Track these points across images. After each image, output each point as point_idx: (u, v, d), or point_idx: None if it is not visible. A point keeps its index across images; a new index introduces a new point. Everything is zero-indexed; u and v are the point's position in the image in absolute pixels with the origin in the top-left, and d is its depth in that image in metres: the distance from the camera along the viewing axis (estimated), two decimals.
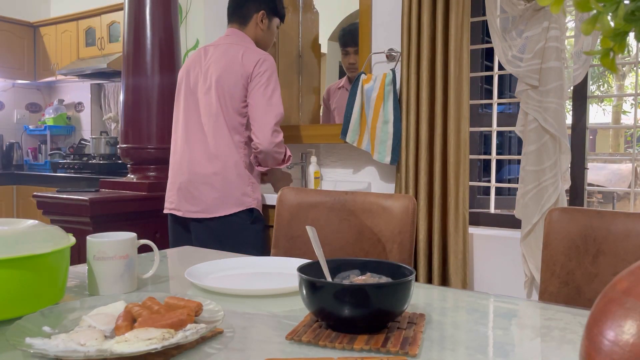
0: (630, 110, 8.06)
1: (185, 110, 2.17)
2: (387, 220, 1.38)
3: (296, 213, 1.56)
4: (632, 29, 0.43)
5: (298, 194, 1.57)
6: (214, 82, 2.09)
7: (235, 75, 2.08)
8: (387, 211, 1.40)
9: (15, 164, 4.96)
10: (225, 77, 2.08)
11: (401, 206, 1.40)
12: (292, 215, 1.56)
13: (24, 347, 0.68)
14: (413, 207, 1.40)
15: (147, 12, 2.65)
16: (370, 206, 1.45)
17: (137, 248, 1.07)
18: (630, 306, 0.43)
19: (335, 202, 1.51)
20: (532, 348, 0.80)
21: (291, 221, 1.56)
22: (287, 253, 1.53)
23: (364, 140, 2.54)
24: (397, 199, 1.42)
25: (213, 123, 2.08)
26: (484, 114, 2.53)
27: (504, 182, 3.44)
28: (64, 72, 4.50)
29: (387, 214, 1.40)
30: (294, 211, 1.56)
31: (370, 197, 1.46)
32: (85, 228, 2.41)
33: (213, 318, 0.81)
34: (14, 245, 0.83)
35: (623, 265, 1.17)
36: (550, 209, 1.34)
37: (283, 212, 1.58)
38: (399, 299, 0.80)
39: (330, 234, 1.50)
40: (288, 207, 1.57)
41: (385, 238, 1.39)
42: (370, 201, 1.45)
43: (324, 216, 1.52)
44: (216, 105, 2.08)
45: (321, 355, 0.73)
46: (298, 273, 0.83)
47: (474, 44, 2.41)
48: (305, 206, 1.55)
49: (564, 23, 2.09)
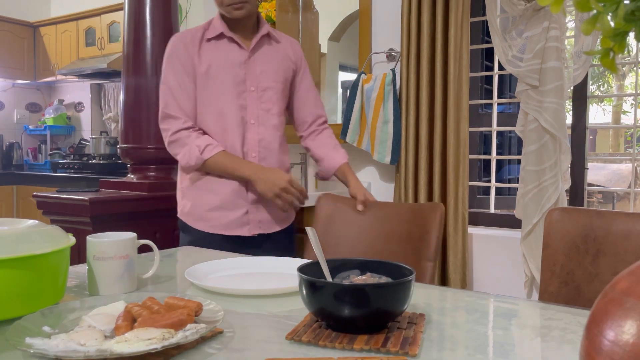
0: (630, 110, 8.06)
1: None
2: (417, 224, 1.54)
3: (334, 215, 1.75)
4: (632, 29, 0.43)
5: (334, 200, 1.78)
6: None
7: None
8: (418, 216, 1.58)
9: (15, 164, 4.96)
10: None
11: (430, 212, 1.58)
12: (329, 219, 1.74)
13: (24, 347, 0.68)
14: (442, 212, 1.57)
15: (147, 12, 2.64)
16: (403, 212, 1.64)
17: (137, 248, 1.07)
18: (630, 306, 0.43)
19: (370, 208, 1.70)
20: (532, 348, 0.80)
21: (327, 225, 1.73)
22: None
23: (364, 140, 2.54)
24: (428, 207, 1.61)
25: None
26: (484, 114, 2.53)
27: (504, 182, 3.44)
28: (64, 72, 4.50)
29: (417, 219, 1.58)
30: (330, 215, 1.75)
31: (403, 205, 1.70)
32: (85, 228, 2.41)
33: (213, 318, 0.81)
34: (14, 245, 0.83)
35: (623, 265, 1.17)
36: (550, 209, 1.34)
37: (321, 216, 1.76)
38: (399, 299, 0.80)
39: (363, 236, 1.69)
40: (325, 211, 1.76)
41: (414, 239, 1.56)
42: (405, 207, 1.66)
43: (359, 219, 1.71)
44: None
45: (321, 355, 0.73)
46: (298, 273, 0.83)
47: (474, 44, 2.41)
48: (343, 210, 1.74)
49: (564, 23, 2.09)
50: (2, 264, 0.80)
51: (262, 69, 1.69)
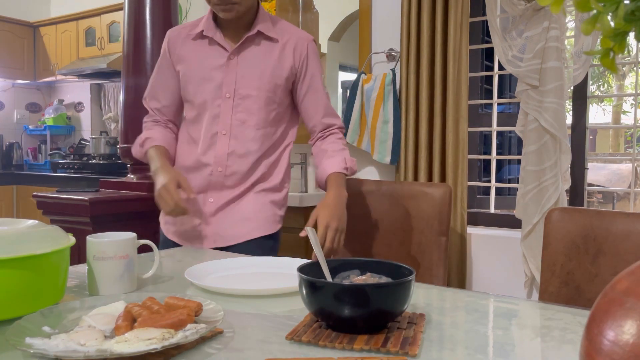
0: (630, 110, 8.06)
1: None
2: (429, 203, 1.63)
3: (355, 199, 1.80)
4: (632, 29, 0.43)
5: (357, 183, 1.85)
6: None
7: None
8: (429, 196, 1.67)
9: (15, 164, 4.96)
10: None
11: (440, 192, 1.69)
12: (352, 201, 1.75)
13: (24, 347, 0.68)
14: (450, 192, 1.68)
15: (147, 12, 2.64)
16: (416, 193, 1.72)
17: (137, 248, 1.07)
18: (630, 306, 0.43)
19: (387, 190, 1.80)
20: (532, 348, 0.80)
21: (351, 205, 1.73)
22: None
23: (364, 140, 2.54)
24: (437, 186, 1.71)
25: None
26: (484, 114, 2.53)
27: (504, 182, 3.44)
28: (63, 72, 4.50)
29: (428, 198, 1.67)
30: (353, 197, 1.76)
31: (415, 186, 1.78)
32: (85, 228, 2.41)
33: (213, 318, 0.81)
34: (14, 245, 0.83)
35: (623, 265, 1.17)
36: (550, 209, 1.34)
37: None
38: (399, 299, 0.80)
39: (383, 215, 1.79)
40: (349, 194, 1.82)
41: (427, 216, 1.67)
42: (416, 189, 1.74)
43: (377, 201, 1.81)
44: None
45: (321, 355, 0.73)
46: (298, 273, 0.83)
47: (474, 44, 2.41)
48: (363, 193, 1.83)
49: (564, 23, 2.10)
50: (2, 264, 0.80)
51: (243, 73, 1.50)
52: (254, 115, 1.51)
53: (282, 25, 1.57)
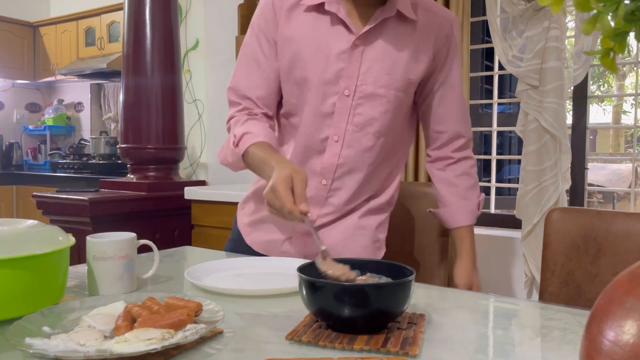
0: (631, 110, 8.06)
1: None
2: (429, 203, 1.57)
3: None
4: (632, 29, 0.43)
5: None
6: None
7: None
8: (429, 196, 1.60)
9: (15, 164, 4.97)
10: None
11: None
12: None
13: (23, 347, 0.68)
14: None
15: (147, 12, 2.65)
16: (416, 193, 1.68)
17: (137, 248, 1.07)
18: (630, 306, 0.43)
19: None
20: (532, 348, 0.80)
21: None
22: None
23: None
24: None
25: None
26: (484, 114, 2.53)
27: (504, 182, 3.44)
28: (63, 72, 4.50)
29: (429, 198, 1.61)
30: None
31: (415, 186, 1.74)
32: (85, 228, 2.41)
33: (213, 318, 0.81)
34: (14, 245, 0.83)
35: (623, 265, 1.17)
36: (550, 209, 1.34)
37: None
38: (399, 299, 0.79)
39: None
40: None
41: (427, 216, 1.60)
42: (416, 189, 1.70)
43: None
44: None
45: (321, 356, 0.73)
46: (298, 273, 0.83)
47: (474, 44, 2.41)
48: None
49: (564, 23, 2.09)
50: (2, 264, 0.80)
51: (369, 65, 1.15)
52: (376, 120, 1.19)
53: (427, 2, 1.21)
